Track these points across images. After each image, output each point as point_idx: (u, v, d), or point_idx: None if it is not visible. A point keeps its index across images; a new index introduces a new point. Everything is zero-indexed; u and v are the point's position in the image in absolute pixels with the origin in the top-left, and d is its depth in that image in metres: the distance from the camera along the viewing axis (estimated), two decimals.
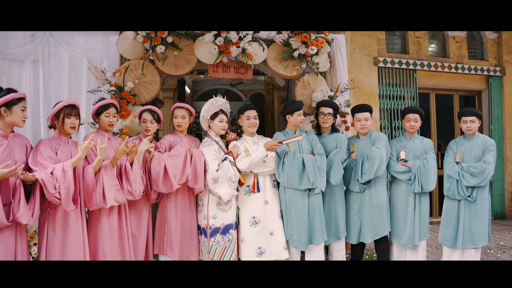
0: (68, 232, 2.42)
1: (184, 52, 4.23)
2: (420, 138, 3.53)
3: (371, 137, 3.44)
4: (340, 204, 3.37)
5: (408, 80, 5.66)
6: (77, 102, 2.63)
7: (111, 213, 2.66)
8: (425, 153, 3.43)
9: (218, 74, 4.51)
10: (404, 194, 3.39)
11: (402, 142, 3.54)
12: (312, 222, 3.17)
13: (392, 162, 3.45)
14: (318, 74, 4.52)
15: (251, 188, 3.14)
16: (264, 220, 3.13)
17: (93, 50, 4.25)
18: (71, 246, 2.41)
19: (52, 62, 4.20)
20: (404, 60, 5.63)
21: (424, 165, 3.32)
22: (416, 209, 3.35)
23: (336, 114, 3.59)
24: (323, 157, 3.22)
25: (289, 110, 3.34)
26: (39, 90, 4.18)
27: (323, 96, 4.42)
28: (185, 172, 2.87)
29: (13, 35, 4.13)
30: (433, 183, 3.32)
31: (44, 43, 4.17)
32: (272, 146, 3.02)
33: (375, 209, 3.32)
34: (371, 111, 3.48)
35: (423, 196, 3.39)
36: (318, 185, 3.15)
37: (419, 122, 3.47)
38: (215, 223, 3.00)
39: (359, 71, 5.41)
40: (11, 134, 2.36)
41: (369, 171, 3.24)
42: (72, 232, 2.43)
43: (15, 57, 4.13)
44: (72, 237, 2.43)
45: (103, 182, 2.50)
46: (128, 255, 2.71)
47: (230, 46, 4.12)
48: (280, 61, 4.47)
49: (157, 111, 3.13)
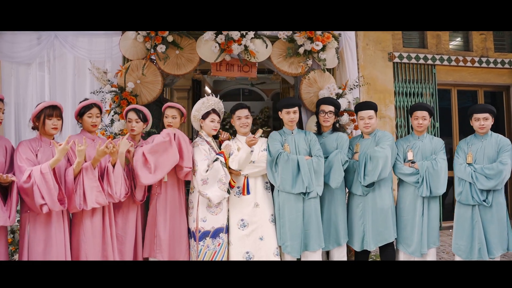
0: (50, 233, 2.40)
1: (185, 51, 4.16)
2: (430, 137, 3.26)
3: (375, 137, 3.21)
4: (340, 208, 3.16)
5: (426, 76, 5.33)
6: (60, 103, 2.59)
7: (94, 215, 2.61)
8: (434, 153, 3.15)
9: (221, 73, 4.40)
10: (411, 198, 3.14)
11: (409, 141, 3.28)
12: (308, 227, 2.99)
13: (398, 163, 3.21)
14: (325, 71, 4.32)
15: (241, 189, 3.00)
16: (254, 223, 2.98)
17: (96, 52, 4.27)
18: (53, 247, 2.38)
19: (57, 64, 4.25)
20: (421, 55, 5.30)
21: (432, 167, 3.05)
22: (424, 214, 3.09)
23: (338, 112, 3.37)
24: (320, 159, 3.03)
25: (278, 108, 3.18)
26: (45, 92, 4.23)
27: (330, 94, 4.21)
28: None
29: (20, 38, 4.21)
30: (443, 187, 3.05)
31: (49, 46, 4.22)
32: (250, 142, 2.85)
33: (379, 213, 3.09)
34: (375, 108, 3.25)
35: (432, 201, 3.12)
36: (314, 189, 2.96)
37: (427, 120, 3.20)
38: (205, 226, 2.89)
39: (373, 68, 5.14)
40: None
41: (372, 173, 3.02)
42: (54, 233, 2.40)
43: (22, 60, 4.20)
44: (54, 238, 2.40)
45: (84, 184, 2.45)
46: (111, 257, 2.65)
47: (231, 44, 4.01)
48: (284, 58, 4.30)
49: (143, 110, 3.06)
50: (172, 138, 2.81)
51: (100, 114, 2.83)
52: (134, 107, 3.05)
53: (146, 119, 3.07)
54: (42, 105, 2.50)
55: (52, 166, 2.34)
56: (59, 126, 2.54)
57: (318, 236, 2.99)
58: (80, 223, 2.58)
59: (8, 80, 4.20)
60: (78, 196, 2.43)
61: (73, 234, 2.59)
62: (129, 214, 2.87)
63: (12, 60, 4.19)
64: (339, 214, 3.15)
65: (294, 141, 3.11)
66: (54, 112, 2.49)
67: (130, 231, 2.86)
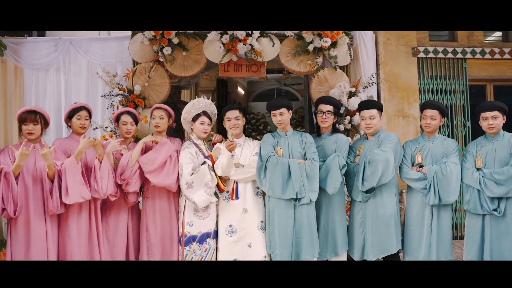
0: (31, 234, 2.44)
1: (192, 52, 4.15)
2: (442, 138, 2.93)
3: (379, 138, 2.95)
4: (338, 215, 2.94)
5: (455, 71, 4.86)
6: (40, 108, 2.68)
7: (80, 215, 2.63)
8: (446, 156, 2.83)
9: (229, 73, 4.34)
10: (419, 205, 2.84)
11: (418, 143, 2.97)
12: (300, 235, 2.80)
13: (404, 167, 2.92)
14: (336, 68, 4.10)
15: (230, 194, 2.89)
16: (242, 229, 2.86)
17: (108, 56, 4.38)
18: (33, 247, 2.43)
19: (72, 69, 4.42)
20: (450, 48, 4.84)
21: (442, 171, 2.73)
22: (433, 224, 2.77)
23: (338, 112, 3.14)
24: (314, 162, 2.83)
25: (267, 110, 3.02)
26: (61, 96, 4.41)
27: (341, 93, 3.99)
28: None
29: (40, 46, 4.43)
30: (454, 194, 2.72)
31: (65, 52, 4.40)
32: (228, 147, 2.74)
33: (380, 221, 2.82)
34: (378, 107, 2.98)
35: (443, 209, 2.80)
36: (306, 195, 2.77)
37: (437, 120, 2.88)
38: (191, 231, 2.81)
39: (394, 64, 4.78)
40: None
41: (371, 178, 2.77)
42: (34, 233, 2.45)
43: (41, 66, 4.41)
44: (35, 239, 2.44)
45: (67, 178, 2.47)
46: (97, 258, 2.66)
47: (236, 44, 3.92)
48: (293, 57, 4.14)
49: (134, 113, 3.06)
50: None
51: (89, 117, 2.85)
52: (127, 110, 3.07)
53: (137, 122, 3.08)
54: (20, 111, 2.59)
55: (15, 171, 2.41)
56: (36, 131, 2.59)
57: (311, 245, 2.80)
58: (66, 224, 2.61)
59: (29, 86, 4.42)
60: (55, 199, 2.46)
61: (60, 234, 2.62)
62: (120, 216, 2.87)
63: (32, 67, 4.41)
64: (337, 222, 2.92)
65: (288, 144, 2.94)
66: (28, 117, 2.56)
67: (122, 233, 2.86)
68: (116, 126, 3.09)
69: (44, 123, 2.63)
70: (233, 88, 9.67)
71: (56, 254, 2.58)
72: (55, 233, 2.60)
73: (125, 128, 2.98)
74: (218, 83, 8.08)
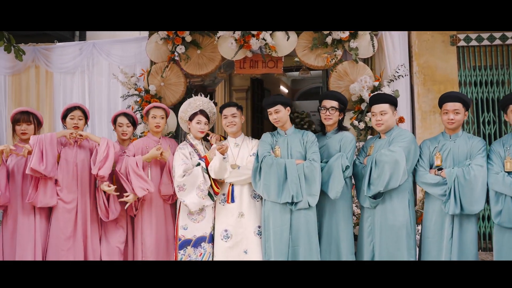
0: (18, 232, 2.50)
1: (207, 50, 4.07)
2: (467, 136, 2.52)
3: (391, 137, 2.60)
4: (343, 222, 2.65)
5: (504, 60, 4.24)
6: (32, 108, 2.74)
7: (63, 213, 2.64)
8: (471, 158, 2.42)
9: (245, 70, 4.20)
10: (438, 214, 2.46)
11: (438, 142, 2.58)
12: (297, 243, 2.56)
13: (420, 170, 2.55)
14: (357, 61, 3.76)
15: (225, 197, 2.73)
16: (238, 235, 2.68)
17: (127, 58, 4.46)
18: (20, 246, 2.47)
19: (95, 71, 4.55)
20: (497, 34, 4.22)
21: (464, 175, 2.33)
22: (454, 237, 2.38)
23: (344, 109, 2.84)
24: (313, 163, 2.57)
25: (264, 108, 2.80)
26: (85, 97, 4.55)
27: (362, 88, 3.65)
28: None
29: (67, 50, 4.63)
30: (478, 202, 2.30)
31: (88, 55, 4.55)
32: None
33: (389, 231, 2.49)
34: (391, 102, 2.64)
35: (466, 220, 2.39)
36: (304, 199, 2.52)
37: (461, 115, 2.47)
38: (186, 235, 2.70)
39: (430, 54, 4.28)
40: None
41: (377, 181, 2.45)
42: (21, 232, 2.50)
43: (68, 70, 4.61)
44: (21, 236, 2.49)
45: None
46: (80, 257, 2.66)
47: (249, 39, 3.76)
48: (310, 50, 3.88)
49: (132, 115, 3.02)
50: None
51: (83, 117, 2.85)
52: (123, 111, 3.05)
53: (135, 124, 3.05)
54: (13, 111, 2.67)
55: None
56: (29, 131, 2.65)
57: (310, 254, 2.53)
58: (48, 222, 2.65)
59: (58, 89, 4.64)
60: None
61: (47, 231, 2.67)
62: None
63: (60, 71, 4.62)
64: (342, 229, 2.63)
65: (287, 143, 2.71)
66: (21, 117, 2.65)
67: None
68: (113, 128, 3.06)
69: (37, 123, 2.66)
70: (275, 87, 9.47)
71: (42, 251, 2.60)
72: (43, 230, 2.63)
73: (121, 130, 2.95)
74: (252, 81, 7.92)
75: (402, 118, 3.59)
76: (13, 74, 4.73)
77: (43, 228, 2.62)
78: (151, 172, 2.85)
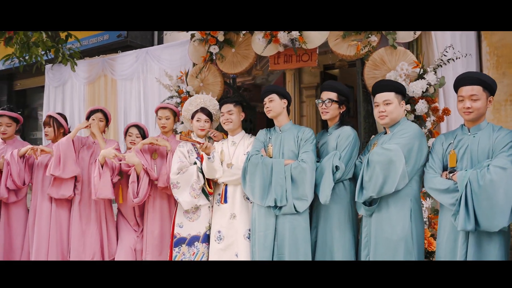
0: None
1: (241, 48, 4.05)
2: (491, 128, 1.95)
3: (395, 131, 2.16)
4: (338, 229, 2.31)
5: None
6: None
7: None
8: (491, 157, 1.85)
9: (279, 66, 4.06)
10: (450, 230, 1.96)
11: (454, 138, 2.05)
12: (282, 251, 2.32)
13: (429, 173, 2.06)
14: (395, 46, 3.26)
15: (220, 197, 2.65)
16: (229, 237, 2.58)
17: (174, 61, 4.71)
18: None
19: (148, 77, 4.90)
20: None
21: (477, 180, 1.79)
22: (469, 256, 1.84)
23: (346, 101, 2.46)
24: (302, 163, 2.30)
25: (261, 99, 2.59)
26: (141, 102, 4.95)
27: (398, 76, 3.16)
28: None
29: (126, 59, 5.11)
30: (500, 216, 1.74)
31: (142, 61, 4.95)
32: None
33: (385, 246, 2.07)
34: (397, 90, 2.20)
35: (486, 238, 1.83)
36: (289, 203, 2.28)
37: (481, 101, 1.90)
38: (181, 233, 2.70)
39: (506, 32, 3.47)
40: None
41: (369, 185, 2.06)
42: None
43: (127, 76, 5.08)
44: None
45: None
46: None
47: (277, 33, 3.60)
48: (342, 39, 3.51)
49: (143, 127, 3.12)
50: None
51: (104, 119, 3.07)
52: (135, 123, 3.15)
53: (145, 135, 3.11)
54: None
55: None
56: (50, 133, 3.00)
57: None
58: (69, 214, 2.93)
59: (120, 95, 5.14)
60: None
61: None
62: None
63: (121, 78, 5.11)
64: (336, 239, 2.30)
65: (280, 141, 2.48)
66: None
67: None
68: (124, 138, 3.18)
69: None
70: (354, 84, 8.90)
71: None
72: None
73: (129, 139, 3.05)
74: (321, 79, 7.59)
75: (447, 110, 2.96)
76: (89, 83, 5.40)
77: (62, 221, 2.93)
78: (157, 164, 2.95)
